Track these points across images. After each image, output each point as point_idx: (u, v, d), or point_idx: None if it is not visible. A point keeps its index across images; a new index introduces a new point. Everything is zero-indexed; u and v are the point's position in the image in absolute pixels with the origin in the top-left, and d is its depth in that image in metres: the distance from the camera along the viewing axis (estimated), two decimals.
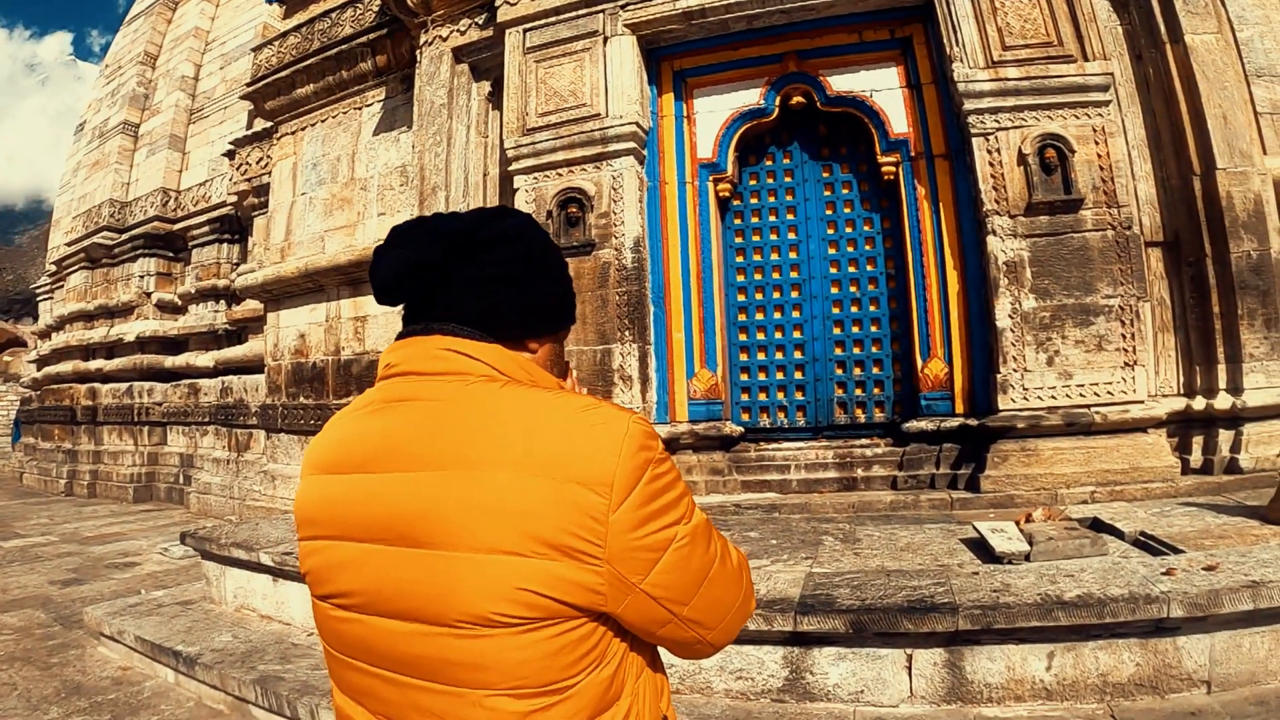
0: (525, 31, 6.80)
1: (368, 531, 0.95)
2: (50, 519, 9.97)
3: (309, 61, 9.39)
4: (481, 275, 1.04)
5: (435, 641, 0.91)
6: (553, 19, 6.69)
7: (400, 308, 1.10)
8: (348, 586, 0.97)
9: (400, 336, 1.07)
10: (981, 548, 3.87)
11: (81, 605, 5.03)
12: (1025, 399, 5.22)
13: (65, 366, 14.32)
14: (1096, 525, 4.19)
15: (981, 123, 5.39)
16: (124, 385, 13.47)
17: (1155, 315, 5.54)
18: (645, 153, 6.67)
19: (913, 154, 6.04)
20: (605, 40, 6.48)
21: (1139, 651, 2.98)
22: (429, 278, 1.03)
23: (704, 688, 3.35)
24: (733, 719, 3.12)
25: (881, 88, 6.14)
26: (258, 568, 4.75)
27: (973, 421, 5.52)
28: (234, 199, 12.87)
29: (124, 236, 14.23)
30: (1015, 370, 5.26)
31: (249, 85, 10.32)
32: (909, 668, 3.11)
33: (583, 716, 0.93)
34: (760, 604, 3.25)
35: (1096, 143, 5.21)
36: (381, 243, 1.10)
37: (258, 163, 12.13)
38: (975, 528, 4.04)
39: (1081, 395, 5.15)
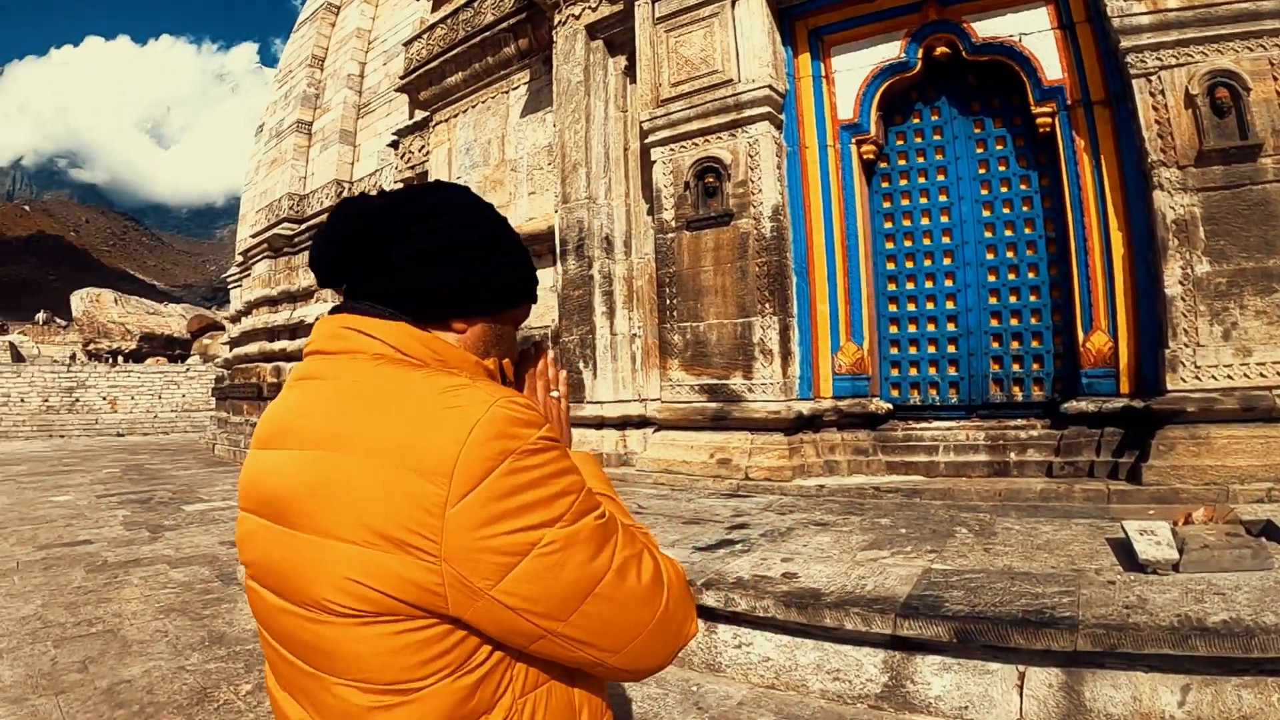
0: (653, 2, 6.99)
1: (259, 506, 0.98)
2: (232, 485, 11.24)
3: (456, 51, 10.05)
4: (403, 252, 1.02)
5: (294, 620, 0.93)
6: None
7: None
8: (248, 557, 1.01)
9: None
10: (1127, 552, 3.57)
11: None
12: (1197, 378, 4.82)
13: (252, 348, 16.07)
14: (1268, 531, 3.75)
15: (1141, 62, 5.00)
16: None
17: None
18: (782, 117, 6.69)
19: (1069, 102, 5.70)
20: (733, 3, 6.55)
21: None
22: (349, 257, 1.04)
23: (799, 685, 3.33)
24: None
25: (1031, 30, 5.82)
26: None
27: (1137, 403, 5.19)
28: (400, 186, 13.87)
29: (302, 226, 15.79)
30: (1186, 345, 4.87)
31: (402, 78, 11.16)
32: (1020, 687, 2.89)
33: None
34: (862, 602, 3.18)
35: (1275, 78, 4.68)
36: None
37: (419, 150, 13.05)
38: (1123, 527, 3.72)
39: (1262, 375, 4.68)
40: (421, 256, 1.03)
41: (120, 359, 28.87)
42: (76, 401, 24.25)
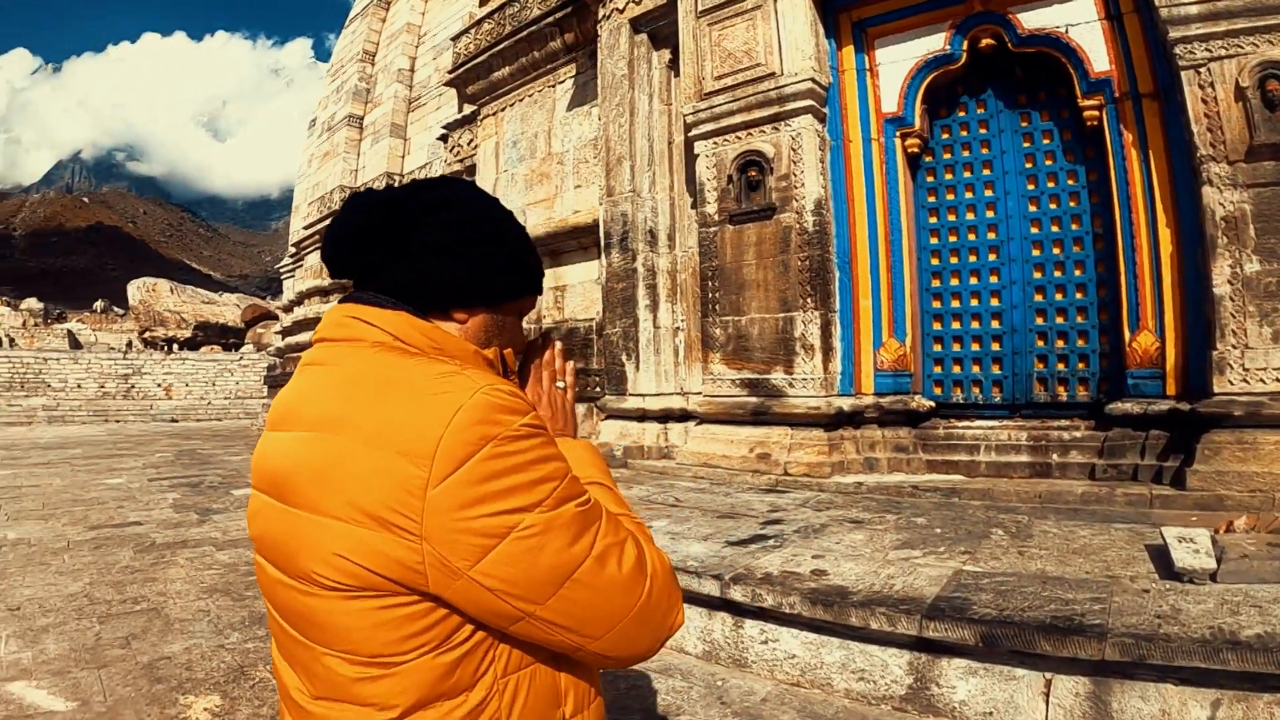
0: None
1: (265, 484, 1.05)
2: None
3: (502, 45, 10.25)
4: (404, 246, 1.08)
5: (289, 593, 1.00)
6: None
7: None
8: (255, 532, 1.08)
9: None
10: (1164, 559, 3.47)
11: None
12: (1245, 381, 4.71)
13: (304, 336, 16.58)
14: None
15: (1190, 53, 4.89)
16: None
17: None
18: (826, 110, 6.72)
19: (1116, 95, 5.61)
20: None
21: None
22: (357, 250, 1.10)
23: (824, 684, 3.34)
24: None
25: (1078, 21, 5.73)
26: None
27: (1184, 406, 5.09)
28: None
29: None
30: (1234, 347, 4.77)
31: (450, 72, 11.41)
32: (1047, 694, 2.85)
33: (411, 696, 0.95)
34: (888, 601, 3.19)
35: None
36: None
37: (468, 144, 13.30)
38: (1161, 534, 3.64)
39: None
40: (429, 249, 1.08)
41: (175, 347, 29.80)
42: (132, 388, 25.09)
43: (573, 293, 9.85)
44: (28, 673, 3.99)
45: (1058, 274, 6.13)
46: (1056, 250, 6.14)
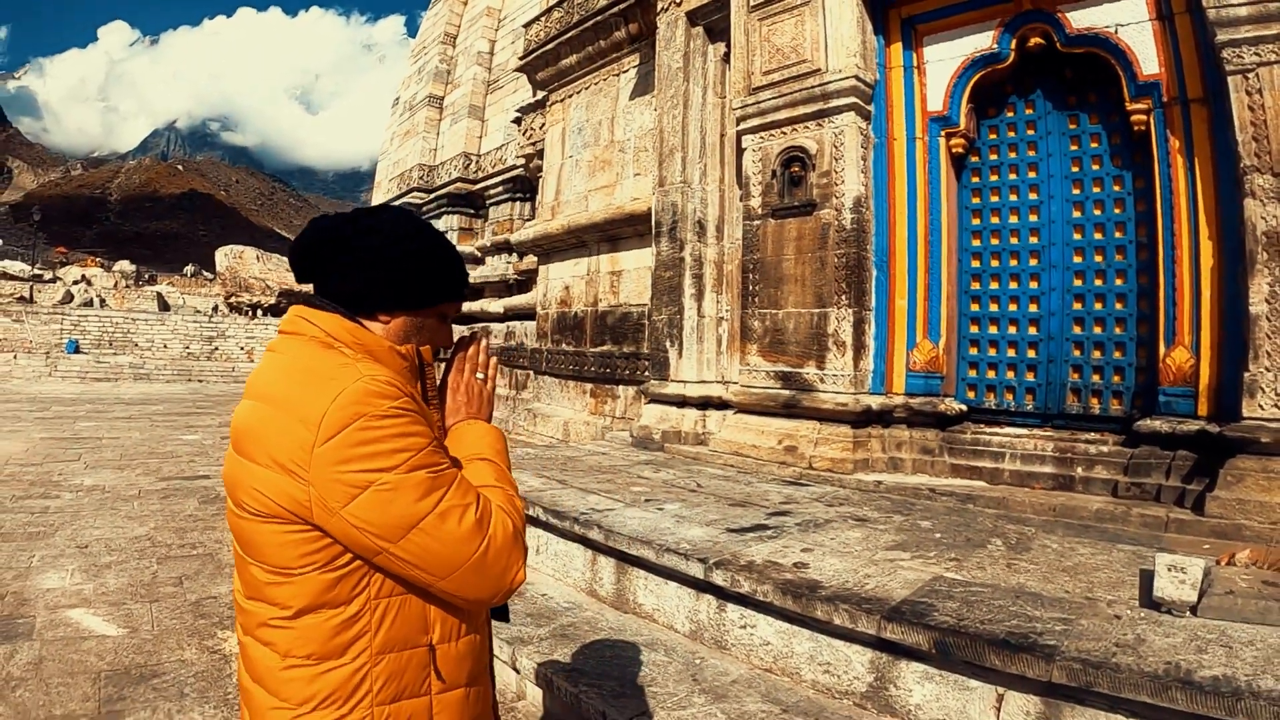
0: None
1: (231, 437, 1.37)
2: None
3: (570, 34, 10.37)
4: (335, 263, 1.40)
5: (234, 517, 1.33)
6: None
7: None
8: (223, 472, 1.39)
9: None
10: (1151, 586, 3.30)
11: None
12: (1276, 407, 4.41)
13: None
14: None
15: (1239, 57, 4.58)
16: None
17: None
18: (870, 108, 6.61)
19: (1165, 99, 5.31)
20: None
21: None
22: (307, 264, 1.43)
23: (793, 672, 3.44)
24: (806, 712, 3.13)
25: (1128, 21, 5.44)
26: None
27: (1213, 427, 4.81)
28: (522, 161, 14.48)
29: (431, 196, 16.62)
30: (1268, 370, 4.46)
31: (521, 58, 11.60)
32: (998, 709, 2.83)
33: (302, 601, 1.26)
34: (854, 599, 3.23)
35: None
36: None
37: (539, 128, 13.54)
38: (1154, 559, 3.38)
39: None
40: (351, 266, 1.39)
41: (259, 312, 30.88)
42: (215, 350, 26.15)
43: (628, 278, 9.92)
44: (88, 602, 4.41)
45: (1098, 283, 5.89)
46: (1098, 258, 5.89)
